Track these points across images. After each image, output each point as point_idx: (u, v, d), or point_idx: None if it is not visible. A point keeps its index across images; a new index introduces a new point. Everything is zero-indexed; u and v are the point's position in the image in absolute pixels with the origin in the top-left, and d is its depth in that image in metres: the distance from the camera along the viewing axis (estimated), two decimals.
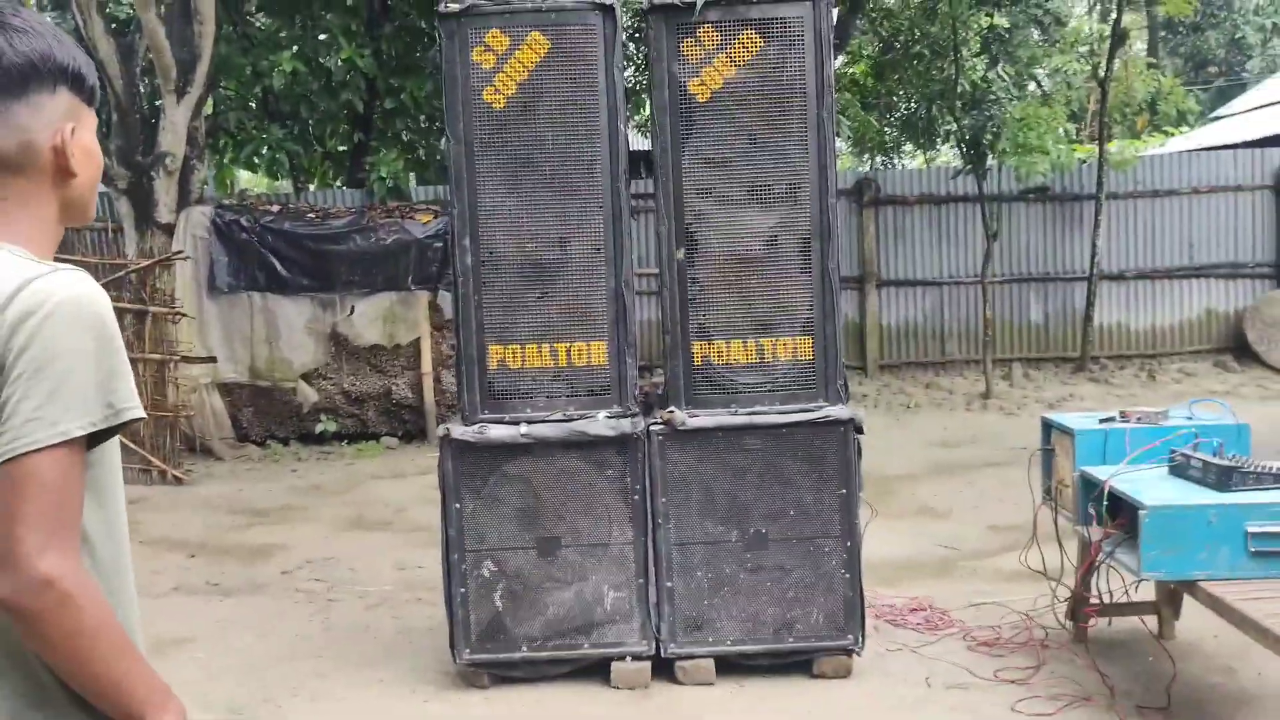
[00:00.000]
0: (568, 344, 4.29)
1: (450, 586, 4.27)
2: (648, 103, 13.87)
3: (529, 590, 4.27)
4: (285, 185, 14.69)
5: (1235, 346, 12.60)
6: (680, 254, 4.27)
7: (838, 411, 4.26)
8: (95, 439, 1.44)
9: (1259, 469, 3.79)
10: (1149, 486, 3.88)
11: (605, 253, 4.26)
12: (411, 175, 11.85)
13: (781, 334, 4.28)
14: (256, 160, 12.66)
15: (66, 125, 1.54)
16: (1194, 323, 12.78)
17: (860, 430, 4.32)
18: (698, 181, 4.26)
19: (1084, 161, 12.21)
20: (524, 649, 4.27)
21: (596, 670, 4.30)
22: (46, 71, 1.52)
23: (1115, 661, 4.42)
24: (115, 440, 1.53)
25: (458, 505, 4.28)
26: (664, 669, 4.30)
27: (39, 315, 1.39)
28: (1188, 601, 4.43)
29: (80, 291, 1.43)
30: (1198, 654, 4.51)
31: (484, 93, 4.20)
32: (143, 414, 1.50)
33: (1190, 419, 4.48)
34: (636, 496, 4.26)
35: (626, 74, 4.33)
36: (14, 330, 1.39)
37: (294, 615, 5.40)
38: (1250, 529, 3.63)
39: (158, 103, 10.49)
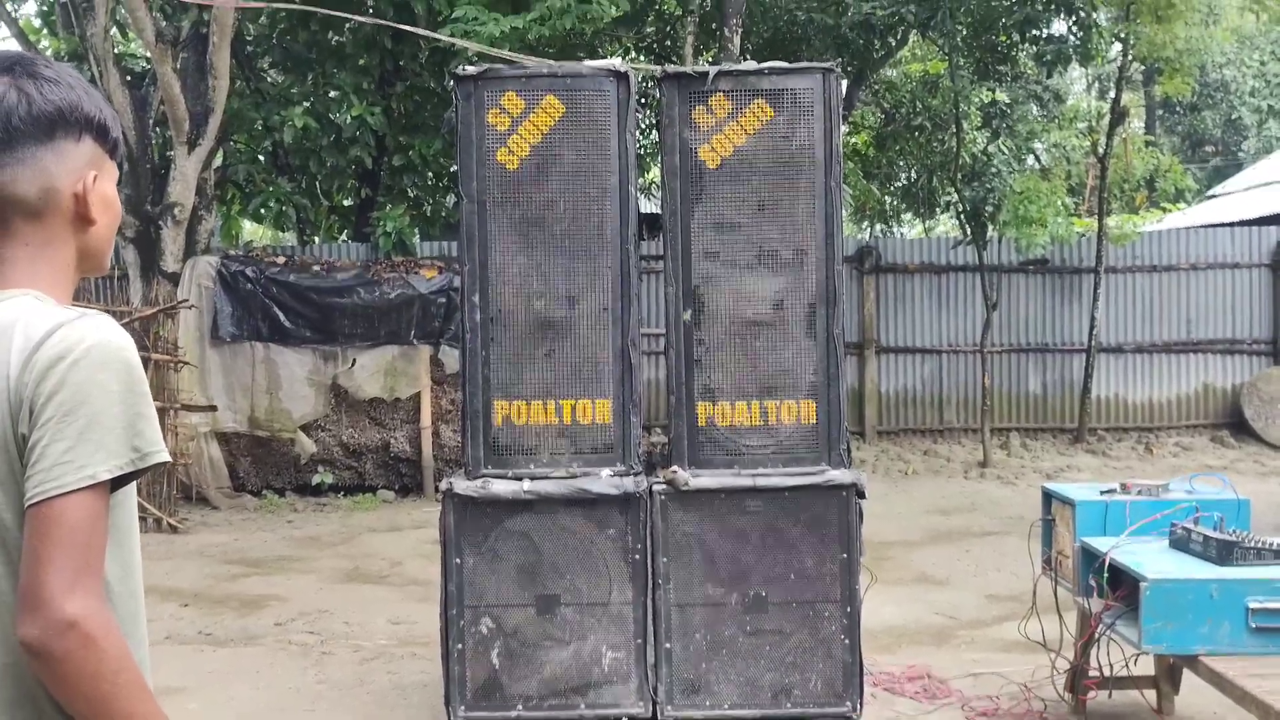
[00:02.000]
0: (573, 401, 4.32)
1: (447, 642, 4.25)
2: (653, 166, 13.95)
3: (526, 648, 4.25)
4: (291, 238, 14.80)
5: (1232, 422, 12.62)
6: (687, 315, 4.32)
7: (840, 475, 4.27)
8: (118, 482, 1.46)
9: (1259, 544, 3.80)
10: (1150, 559, 3.88)
11: (612, 312, 4.31)
12: (416, 231, 11.95)
13: (785, 397, 4.31)
14: (264, 212, 12.79)
15: (89, 173, 1.57)
16: (1191, 397, 12.82)
17: (862, 495, 4.33)
18: (706, 245, 4.31)
19: (1083, 235, 12.35)
20: (520, 708, 4.23)
21: None
22: (73, 120, 1.55)
23: None
24: (133, 484, 1.55)
25: (458, 560, 4.27)
26: None
27: (69, 360, 1.42)
28: (1187, 677, 4.41)
29: (108, 337, 1.46)
30: None
31: (498, 153, 4.27)
32: (168, 457, 1.52)
33: (1191, 493, 4.49)
34: (637, 556, 4.25)
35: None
36: (44, 374, 1.42)
37: (288, 667, 5.36)
38: (1251, 604, 3.63)
39: (169, 154, 10.62)
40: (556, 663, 4.24)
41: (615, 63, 4.33)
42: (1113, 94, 13.28)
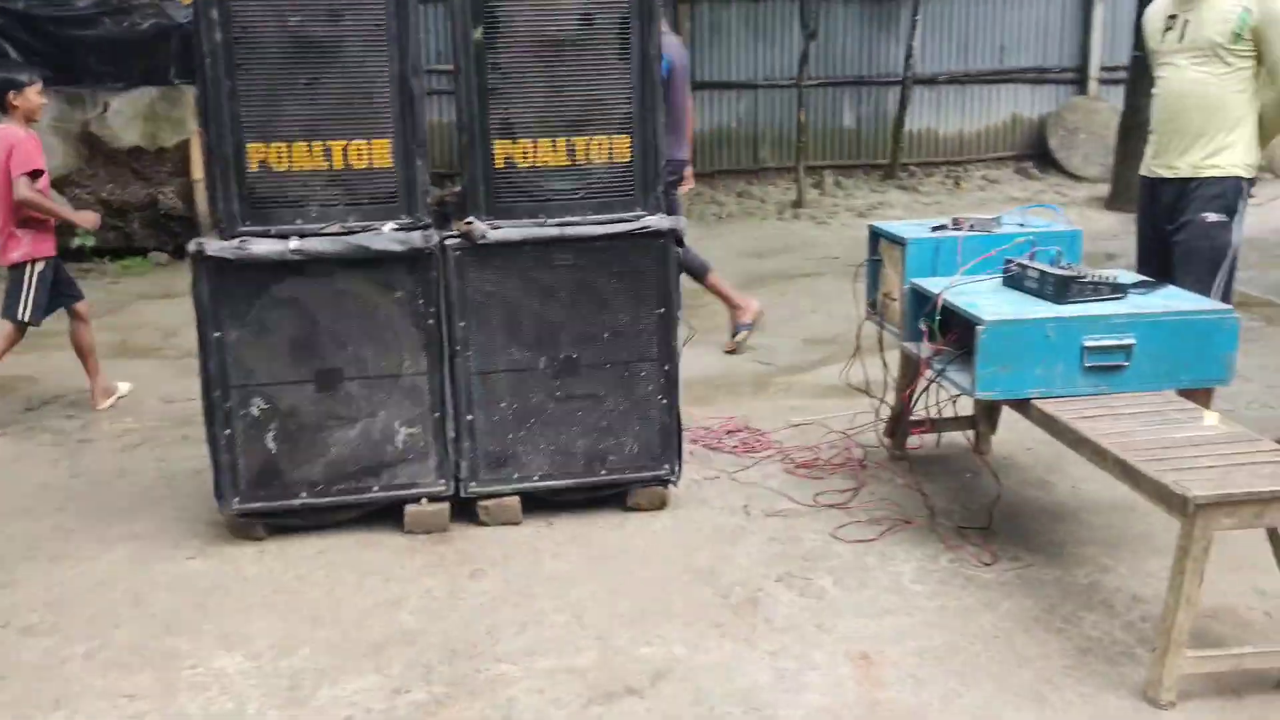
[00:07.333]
0: (344, 142, 3.62)
1: (213, 428, 3.68)
2: None
3: (307, 430, 3.72)
4: None
5: (1037, 153, 12.77)
6: (478, 34, 3.61)
7: (657, 222, 3.79)
8: None
9: (1097, 279, 3.59)
10: (985, 300, 3.63)
11: (388, 30, 3.56)
12: None
13: (596, 132, 3.73)
14: None
15: None
16: (999, 129, 12.86)
17: (681, 242, 3.89)
18: None
19: None
20: (304, 495, 3.75)
21: (389, 515, 3.85)
22: None
23: (934, 479, 4.30)
24: None
25: (218, 334, 3.66)
26: (465, 510, 3.89)
27: None
28: (1004, 414, 4.31)
29: None
30: (1013, 468, 4.44)
31: None
32: None
33: (1024, 225, 4.24)
34: (431, 321, 3.72)
35: None
36: None
37: (36, 460, 4.69)
38: (1087, 343, 3.44)
39: None
40: (343, 444, 3.75)
41: None
42: None
